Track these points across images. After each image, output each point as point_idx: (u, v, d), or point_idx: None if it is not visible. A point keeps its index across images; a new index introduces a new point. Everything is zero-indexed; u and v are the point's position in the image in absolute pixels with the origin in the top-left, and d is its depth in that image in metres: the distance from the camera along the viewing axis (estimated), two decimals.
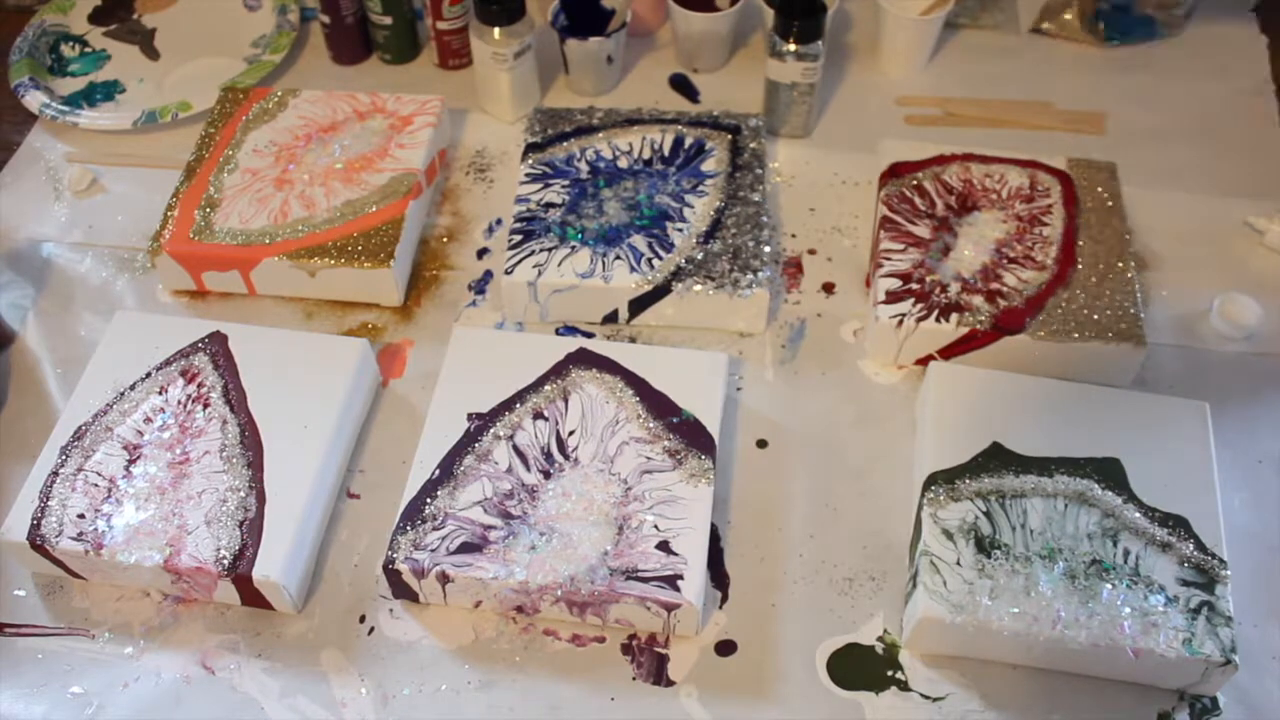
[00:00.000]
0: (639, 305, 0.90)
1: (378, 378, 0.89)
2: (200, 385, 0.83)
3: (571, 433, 0.80)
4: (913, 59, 1.11)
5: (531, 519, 0.75)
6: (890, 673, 0.74)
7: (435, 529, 0.75)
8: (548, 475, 0.78)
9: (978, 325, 0.85)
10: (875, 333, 0.87)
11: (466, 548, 0.74)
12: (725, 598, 0.77)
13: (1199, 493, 0.76)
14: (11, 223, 1.01)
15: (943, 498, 0.75)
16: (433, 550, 0.74)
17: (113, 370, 0.83)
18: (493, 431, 0.80)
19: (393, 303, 0.94)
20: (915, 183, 0.94)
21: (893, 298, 0.86)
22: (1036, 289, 0.86)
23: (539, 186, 0.95)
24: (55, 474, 0.78)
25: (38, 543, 0.75)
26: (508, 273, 0.89)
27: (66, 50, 1.16)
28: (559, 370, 0.83)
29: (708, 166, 0.96)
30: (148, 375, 0.83)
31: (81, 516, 0.76)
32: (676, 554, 0.74)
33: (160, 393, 0.82)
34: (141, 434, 0.80)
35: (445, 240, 0.99)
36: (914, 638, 0.73)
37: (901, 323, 0.85)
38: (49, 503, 0.77)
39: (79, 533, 0.75)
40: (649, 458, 0.78)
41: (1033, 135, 1.05)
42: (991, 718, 0.72)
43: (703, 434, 0.79)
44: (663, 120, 1.00)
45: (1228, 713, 0.72)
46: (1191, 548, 0.73)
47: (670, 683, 0.73)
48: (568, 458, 0.78)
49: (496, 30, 1.01)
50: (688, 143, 0.98)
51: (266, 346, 0.85)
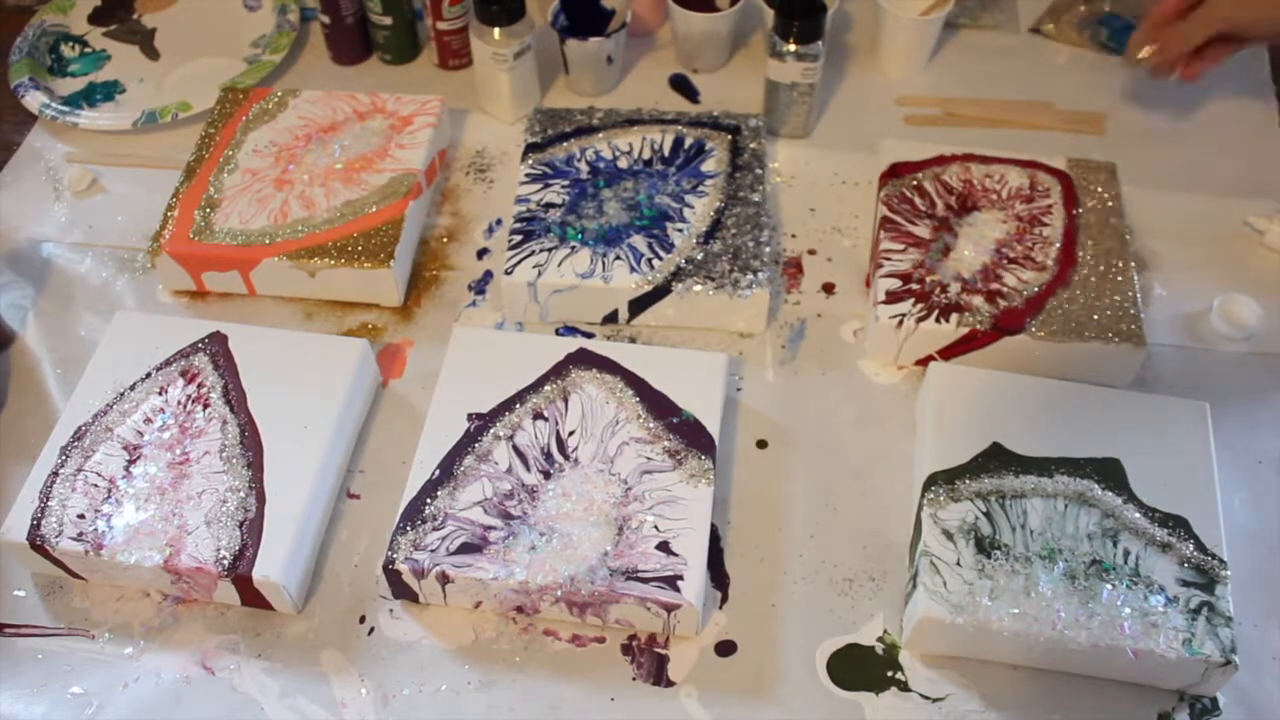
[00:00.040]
0: (639, 305, 0.90)
1: (378, 378, 0.89)
2: (200, 385, 0.83)
3: (571, 433, 0.80)
4: (913, 59, 1.11)
5: (531, 519, 0.75)
6: (890, 673, 0.74)
7: (435, 529, 0.75)
8: (548, 475, 0.78)
9: (978, 325, 0.85)
10: (875, 333, 0.87)
11: (466, 548, 0.74)
12: (725, 598, 0.77)
13: (1199, 493, 0.76)
14: (11, 223, 1.01)
15: (943, 498, 0.75)
16: (433, 550, 0.74)
17: (113, 370, 0.83)
18: (493, 432, 0.80)
19: (393, 303, 0.94)
20: (915, 183, 0.94)
21: (893, 298, 0.86)
22: (1036, 289, 0.86)
23: (539, 187, 0.95)
24: (55, 474, 0.78)
25: (38, 543, 0.75)
26: (508, 273, 0.89)
27: (66, 50, 1.16)
28: (559, 370, 0.83)
29: (708, 167, 0.96)
30: (148, 375, 0.83)
31: (81, 517, 0.76)
32: (676, 554, 0.74)
33: (160, 393, 0.82)
34: (141, 434, 0.80)
35: (445, 240, 0.99)
36: (914, 638, 0.73)
37: (901, 323, 0.85)
38: (49, 503, 0.77)
39: (79, 533, 0.75)
40: (649, 458, 0.78)
41: (1033, 135, 1.05)
42: (991, 718, 0.72)
43: (703, 434, 0.79)
44: (663, 120, 1.00)
45: (1228, 713, 0.72)
46: (1191, 548, 0.73)
47: (670, 683, 0.73)
48: (568, 458, 0.78)
49: (496, 30, 1.01)
50: (688, 143, 0.98)
51: (266, 347, 0.85)
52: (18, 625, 0.77)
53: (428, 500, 0.76)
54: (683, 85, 1.12)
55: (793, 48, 0.99)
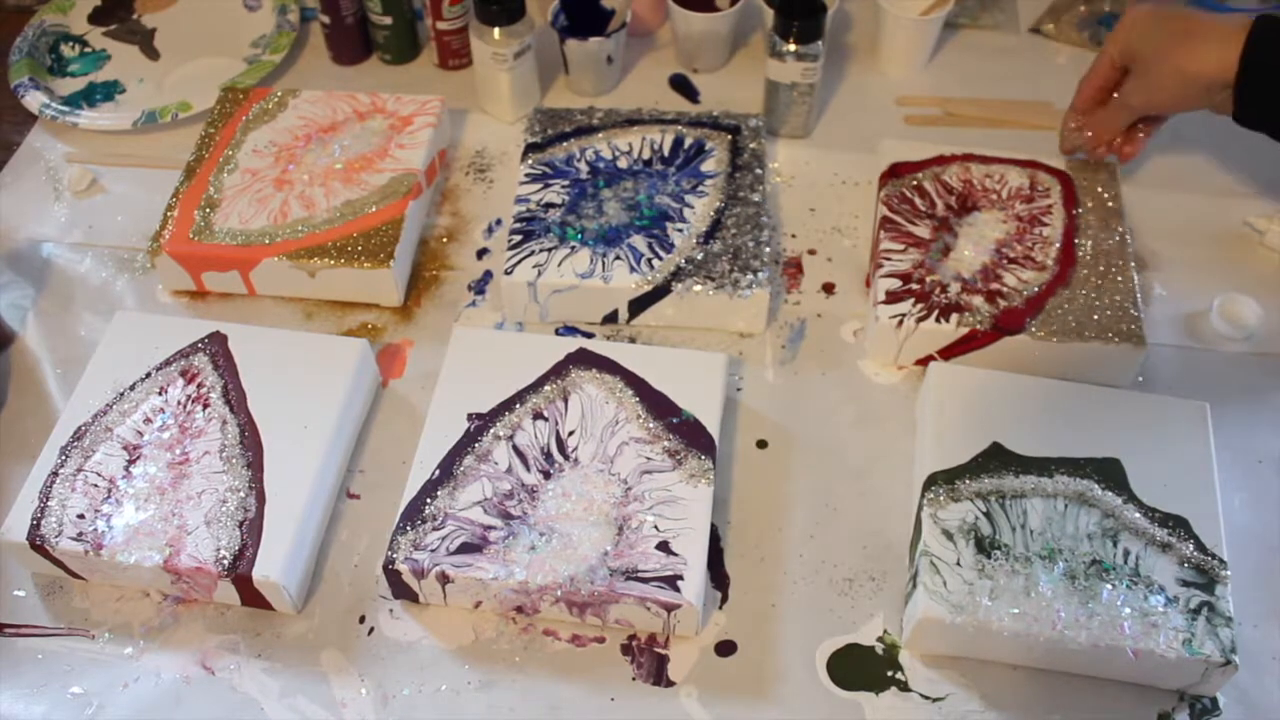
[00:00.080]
0: (639, 305, 0.90)
1: (378, 378, 0.89)
2: (200, 385, 0.83)
3: (571, 433, 0.80)
4: (913, 59, 1.11)
5: (531, 519, 0.75)
6: (890, 673, 0.74)
7: (435, 529, 0.75)
8: (548, 475, 0.78)
9: (978, 325, 0.85)
10: (875, 333, 0.87)
11: (466, 548, 0.74)
12: (725, 598, 0.77)
13: (1199, 493, 0.75)
14: (11, 223, 1.01)
15: (943, 498, 0.75)
16: (433, 550, 0.74)
17: (113, 370, 0.83)
18: (493, 432, 0.80)
19: (392, 303, 0.94)
20: (915, 183, 0.94)
21: (893, 298, 0.86)
22: (1036, 289, 0.86)
23: (539, 187, 0.95)
24: (55, 474, 0.78)
25: (37, 543, 0.75)
26: (508, 273, 0.89)
27: (66, 50, 1.16)
28: (559, 370, 0.83)
29: (708, 167, 0.96)
30: (147, 375, 0.83)
31: (81, 517, 0.76)
32: (676, 554, 0.74)
33: (160, 393, 0.82)
34: (141, 434, 0.80)
35: (445, 240, 0.99)
36: (914, 638, 0.73)
37: (901, 323, 0.85)
38: (49, 503, 0.76)
39: (79, 533, 0.75)
40: (649, 458, 0.78)
41: (1033, 135, 1.05)
42: (991, 718, 0.72)
43: (703, 434, 0.79)
44: (663, 120, 1.00)
45: (1228, 713, 0.72)
46: (1191, 548, 0.73)
47: (670, 683, 0.73)
48: (568, 458, 0.78)
49: (496, 30, 1.01)
50: (688, 143, 0.98)
51: (266, 347, 0.85)
52: (18, 625, 0.77)
53: (428, 500, 0.76)
54: (683, 85, 1.12)
55: (793, 48, 0.99)
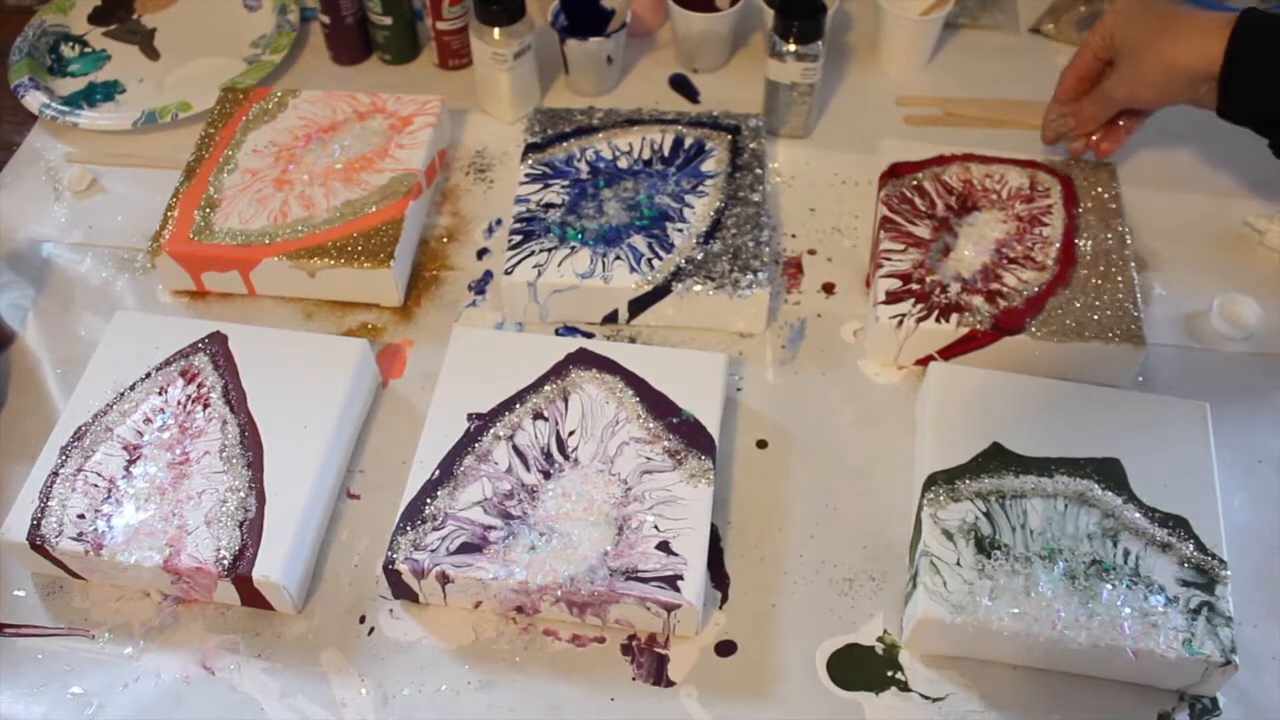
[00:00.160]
0: (639, 305, 0.90)
1: (378, 378, 0.89)
2: (200, 385, 0.83)
3: (571, 433, 0.80)
4: (913, 59, 1.11)
5: (531, 519, 0.75)
6: (890, 673, 0.74)
7: (435, 529, 0.75)
8: (548, 475, 0.78)
9: (978, 325, 0.85)
10: (875, 333, 0.87)
11: (466, 548, 0.74)
12: (725, 598, 0.77)
13: (1199, 493, 0.75)
14: (11, 223, 1.01)
15: (943, 498, 0.75)
16: (433, 550, 0.74)
17: (113, 370, 0.83)
18: (493, 432, 0.80)
19: (393, 303, 0.94)
20: (915, 183, 0.94)
21: (893, 298, 0.86)
22: (1036, 289, 0.86)
23: (539, 187, 0.95)
24: (55, 474, 0.78)
25: (38, 543, 0.75)
26: (508, 273, 0.89)
27: (66, 50, 1.17)
28: (559, 370, 0.83)
29: (708, 167, 0.96)
30: (148, 375, 0.83)
31: (81, 517, 0.76)
32: (676, 554, 0.74)
33: (160, 393, 0.82)
34: (141, 434, 0.80)
35: (445, 240, 0.99)
36: (914, 638, 0.73)
37: (901, 323, 0.85)
38: (49, 503, 0.76)
39: (79, 533, 0.75)
40: (649, 458, 0.78)
41: (1033, 135, 1.04)
42: (991, 718, 0.72)
43: (703, 434, 0.79)
44: (663, 120, 1.00)
45: (1228, 713, 0.72)
46: (1191, 548, 0.73)
47: (670, 683, 0.73)
48: (568, 458, 0.78)
49: (496, 30, 1.01)
50: (688, 143, 0.98)
51: (266, 347, 0.85)
52: (18, 625, 0.77)
53: (428, 500, 0.76)
54: (683, 85, 1.12)
55: (793, 48, 0.99)
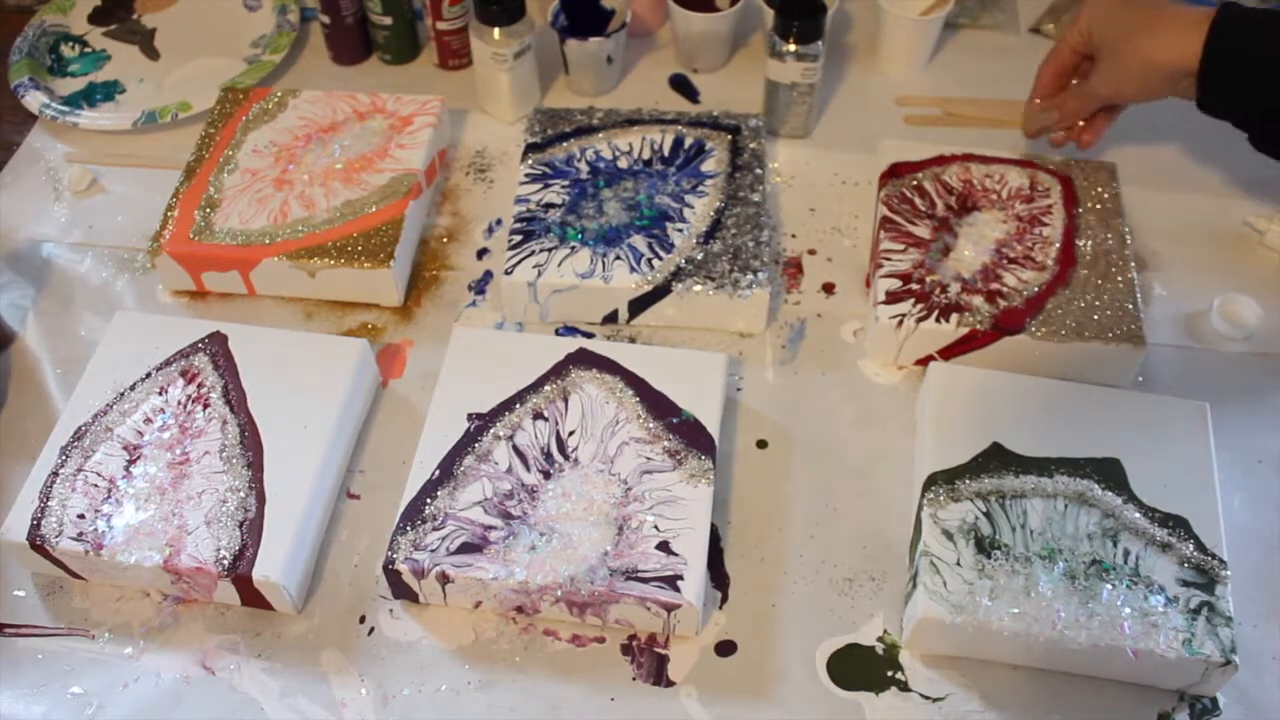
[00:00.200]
0: (639, 305, 0.90)
1: (378, 378, 0.89)
2: (200, 385, 0.83)
3: (571, 433, 0.80)
4: (913, 59, 1.11)
5: (531, 519, 0.75)
6: (890, 673, 0.74)
7: (435, 529, 0.75)
8: (548, 475, 0.78)
9: (978, 325, 0.85)
10: (875, 333, 0.87)
11: (466, 548, 0.74)
12: (725, 598, 0.77)
13: (1199, 493, 0.76)
14: (11, 223, 1.01)
15: (943, 498, 0.75)
16: (433, 550, 0.74)
17: (113, 370, 0.83)
18: (493, 432, 0.80)
19: (393, 303, 0.94)
20: (915, 183, 0.94)
21: (893, 298, 0.86)
22: (1036, 289, 0.86)
23: (539, 187, 0.95)
24: (55, 474, 0.78)
25: (38, 543, 0.75)
26: (508, 273, 0.89)
27: (66, 50, 1.17)
28: (559, 370, 0.83)
29: (708, 167, 0.96)
30: (148, 375, 0.83)
31: (81, 517, 0.76)
32: (676, 554, 0.74)
33: (160, 393, 0.82)
34: (141, 434, 0.80)
35: (445, 240, 0.99)
36: (914, 638, 0.73)
37: (901, 323, 0.85)
38: (49, 503, 0.76)
39: (79, 533, 0.75)
40: (649, 458, 0.78)
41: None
42: (991, 718, 0.72)
43: (703, 434, 0.79)
44: (663, 120, 1.00)
45: (1228, 713, 0.72)
46: (1191, 548, 0.73)
47: (670, 683, 0.73)
48: (568, 458, 0.78)
49: (496, 30, 1.01)
50: (688, 143, 0.98)
51: (266, 347, 0.85)
52: (18, 625, 0.77)
53: (428, 500, 0.76)
54: (683, 85, 1.12)
55: (793, 48, 0.99)
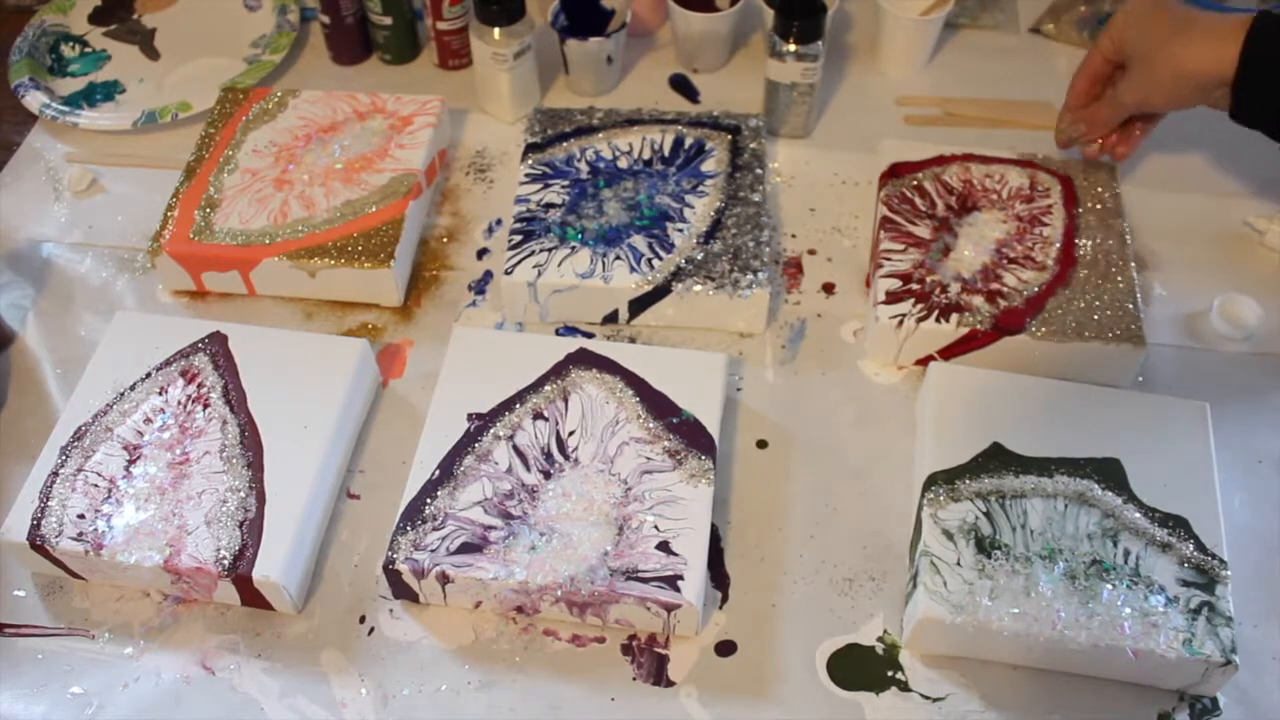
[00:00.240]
0: (639, 305, 0.90)
1: (378, 378, 0.89)
2: (200, 385, 0.83)
3: (571, 433, 0.80)
4: (913, 59, 1.11)
5: (531, 519, 0.75)
6: (890, 673, 0.74)
7: (435, 529, 0.75)
8: (548, 475, 0.78)
9: (978, 325, 0.85)
10: (875, 333, 0.87)
11: (466, 548, 0.74)
12: (725, 598, 0.77)
13: (1199, 493, 0.76)
14: (11, 223, 1.01)
15: (943, 498, 0.75)
16: (433, 550, 0.74)
17: (113, 370, 0.83)
18: (493, 432, 0.80)
19: (393, 303, 0.94)
20: (915, 183, 0.94)
21: (893, 298, 0.86)
22: (1036, 289, 0.86)
23: (539, 187, 0.95)
24: (55, 474, 0.78)
25: (38, 543, 0.75)
26: (508, 273, 0.89)
27: (66, 50, 1.16)
28: (559, 370, 0.83)
29: (708, 167, 0.96)
30: (148, 375, 0.83)
31: (81, 517, 0.76)
32: (676, 554, 0.74)
33: (160, 393, 0.82)
34: (141, 434, 0.80)
35: (445, 240, 0.99)
36: (914, 638, 0.73)
37: (901, 323, 0.85)
38: (49, 503, 0.76)
39: (79, 533, 0.75)
40: (649, 458, 0.78)
41: (1033, 135, 1.05)
42: (991, 718, 0.72)
43: (703, 434, 0.79)
44: (663, 120, 1.00)
45: (1228, 713, 0.72)
46: (1191, 548, 0.73)
47: (670, 683, 0.73)
48: (568, 458, 0.78)
49: (496, 30, 1.01)
50: (688, 143, 0.98)
51: (266, 347, 0.85)
52: (18, 625, 0.77)
53: (428, 500, 0.76)
54: (683, 85, 1.12)
55: (793, 48, 0.99)
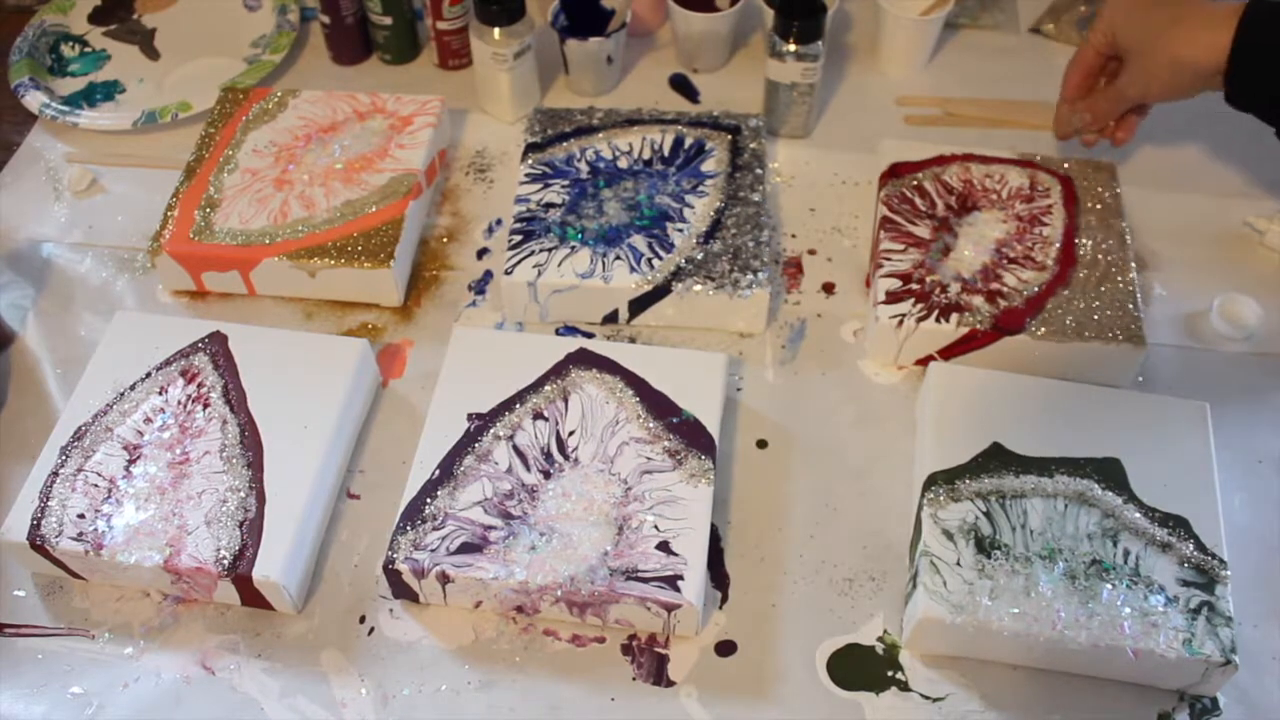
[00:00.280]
0: (639, 305, 0.90)
1: (378, 378, 0.89)
2: (200, 385, 0.83)
3: (571, 433, 0.80)
4: (913, 59, 1.11)
5: (531, 519, 0.75)
6: (890, 673, 0.74)
7: (435, 529, 0.75)
8: (548, 475, 0.78)
9: (978, 325, 0.85)
10: (875, 333, 0.87)
11: (466, 548, 0.74)
12: (725, 598, 0.77)
13: (1199, 493, 0.76)
14: (11, 223, 1.01)
15: (943, 498, 0.75)
16: (433, 550, 0.74)
17: (113, 370, 0.83)
18: (493, 432, 0.80)
19: (393, 303, 0.94)
20: (915, 183, 0.94)
21: (893, 298, 0.86)
22: (1036, 289, 0.86)
23: (539, 186, 0.95)
24: (55, 474, 0.78)
25: (38, 543, 0.75)
26: (508, 273, 0.89)
27: (66, 50, 1.17)
28: (559, 370, 0.83)
29: (708, 167, 0.96)
30: (148, 375, 0.83)
31: (81, 516, 0.76)
32: (676, 554, 0.74)
33: (160, 393, 0.82)
34: (141, 434, 0.80)
35: (445, 240, 0.99)
36: (914, 638, 0.73)
37: (901, 323, 0.85)
38: (49, 503, 0.76)
39: (79, 533, 0.75)
40: (649, 458, 0.78)
41: (1033, 135, 1.05)
42: (991, 718, 0.72)
43: (703, 434, 0.79)
44: (663, 120, 1.00)
45: (1228, 713, 0.72)
46: (1191, 548, 0.73)
47: (670, 683, 0.73)
48: (568, 458, 0.78)
49: (496, 30, 1.01)
50: (688, 143, 0.98)
51: (266, 346, 0.85)
52: (18, 625, 0.77)
53: (428, 500, 0.76)
54: (683, 85, 1.12)
55: (793, 48, 0.99)
